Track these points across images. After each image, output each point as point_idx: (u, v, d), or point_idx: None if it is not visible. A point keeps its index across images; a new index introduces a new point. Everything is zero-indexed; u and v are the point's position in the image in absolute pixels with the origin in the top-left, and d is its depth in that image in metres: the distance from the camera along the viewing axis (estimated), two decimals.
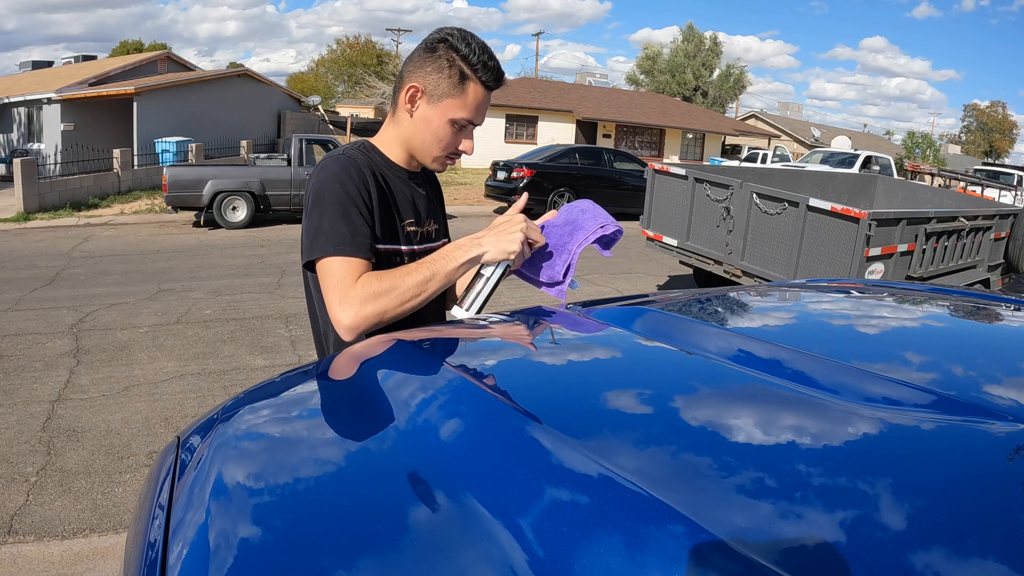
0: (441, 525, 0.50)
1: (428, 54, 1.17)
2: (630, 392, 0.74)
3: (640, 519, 0.46)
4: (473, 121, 1.21)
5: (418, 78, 1.18)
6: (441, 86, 1.17)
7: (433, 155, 1.24)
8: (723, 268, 5.63)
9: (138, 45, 43.05)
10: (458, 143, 1.23)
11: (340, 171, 1.16)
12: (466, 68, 1.16)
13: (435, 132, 1.20)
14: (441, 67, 1.16)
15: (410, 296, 1.12)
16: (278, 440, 0.70)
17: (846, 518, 0.46)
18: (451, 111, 1.18)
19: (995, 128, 57.47)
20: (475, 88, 1.17)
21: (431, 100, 1.18)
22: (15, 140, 18.33)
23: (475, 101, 1.18)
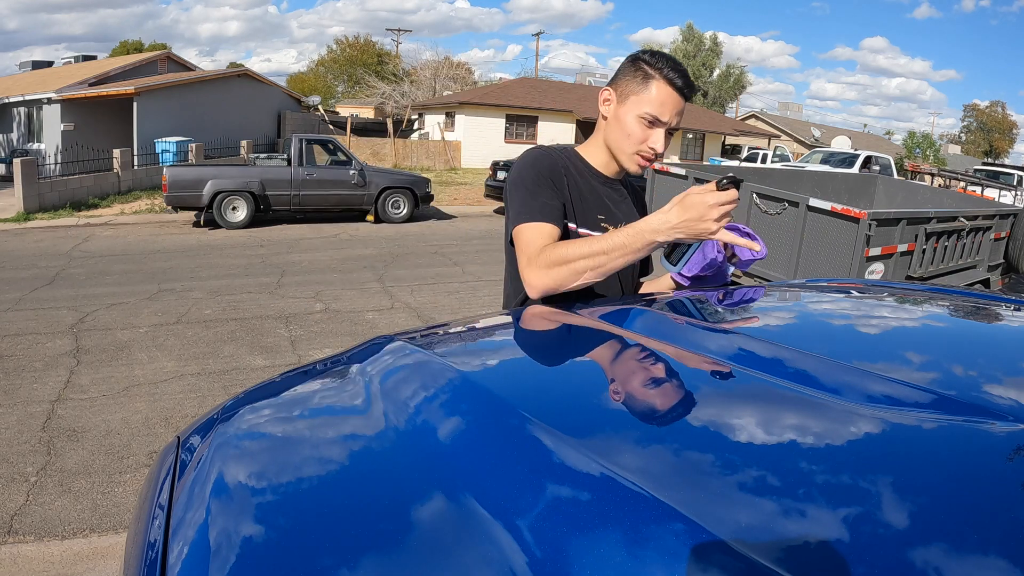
0: (441, 525, 0.50)
1: (622, 67, 1.33)
2: (630, 392, 0.74)
3: (640, 519, 0.46)
4: (659, 117, 1.27)
5: (612, 84, 1.33)
6: (629, 86, 1.29)
7: (626, 152, 1.32)
8: None
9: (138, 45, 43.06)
10: (647, 139, 1.29)
11: (533, 158, 1.33)
12: (650, 69, 1.28)
13: (624, 128, 1.30)
14: (629, 72, 1.30)
15: (587, 269, 1.20)
16: (278, 440, 0.70)
17: (846, 518, 0.46)
18: (636, 107, 1.28)
19: (995, 128, 57.46)
20: (658, 86, 1.26)
21: (620, 100, 1.31)
22: (15, 140, 18.32)
23: (659, 98, 1.26)
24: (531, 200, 1.28)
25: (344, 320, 5.43)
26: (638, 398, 0.72)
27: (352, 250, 8.56)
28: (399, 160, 20.70)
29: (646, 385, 0.77)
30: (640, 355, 0.88)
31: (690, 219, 1.12)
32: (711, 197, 1.11)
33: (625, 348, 0.91)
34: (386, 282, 6.80)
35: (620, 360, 0.88)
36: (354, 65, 41.23)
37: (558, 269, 1.20)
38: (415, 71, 34.21)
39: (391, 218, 10.80)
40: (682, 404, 0.69)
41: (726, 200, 1.11)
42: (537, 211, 1.26)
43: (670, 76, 1.27)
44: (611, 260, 1.18)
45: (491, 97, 23.30)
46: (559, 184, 1.30)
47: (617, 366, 0.86)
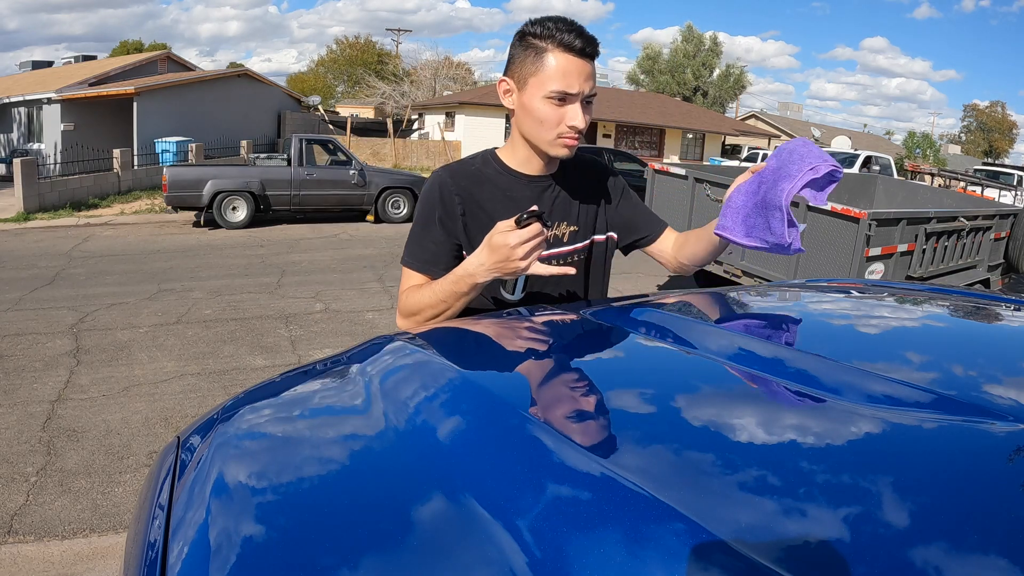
0: (441, 525, 0.50)
1: (512, 50, 1.20)
2: (630, 392, 0.74)
3: (640, 519, 0.46)
4: (567, 91, 1.14)
5: (507, 72, 1.21)
6: (524, 68, 1.17)
7: (546, 139, 1.20)
8: (723, 268, 5.63)
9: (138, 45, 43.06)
10: (562, 119, 1.17)
11: (425, 192, 1.27)
12: (540, 41, 1.15)
13: (534, 116, 1.18)
14: (519, 52, 1.18)
15: (433, 316, 1.22)
16: (278, 440, 0.70)
17: (846, 518, 0.46)
18: (538, 88, 1.16)
19: (995, 128, 57.47)
20: (555, 56, 1.14)
21: (520, 86, 1.19)
22: (15, 140, 18.33)
23: (560, 69, 1.14)
24: (414, 243, 1.27)
25: (344, 320, 5.43)
26: (638, 398, 0.72)
27: (352, 250, 8.56)
28: (399, 160, 20.70)
29: (646, 385, 0.77)
30: (640, 355, 0.88)
31: (498, 260, 1.09)
32: (512, 237, 1.06)
33: (625, 348, 0.91)
34: (386, 282, 6.80)
35: (620, 360, 0.88)
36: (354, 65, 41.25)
37: (412, 318, 1.24)
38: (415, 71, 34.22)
39: (391, 218, 10.80)
40: (682, 404, 0.69)
41: (527, 237, 1.06)
42: (410, 255, 1.27)
43: (564, 40, 1.13)
44: (450, 306, 1.18)
45: (491, 97, 23.27)
46: (450, 216, 1.24)
47: (617, 366, 0.86)
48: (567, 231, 1.29)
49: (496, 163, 1.29)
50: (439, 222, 1.24)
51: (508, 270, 1.09)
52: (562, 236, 1.29)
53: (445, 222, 1.24)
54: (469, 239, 1.23)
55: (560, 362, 0.88)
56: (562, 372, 0.83)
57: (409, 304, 1.24)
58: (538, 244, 1.08)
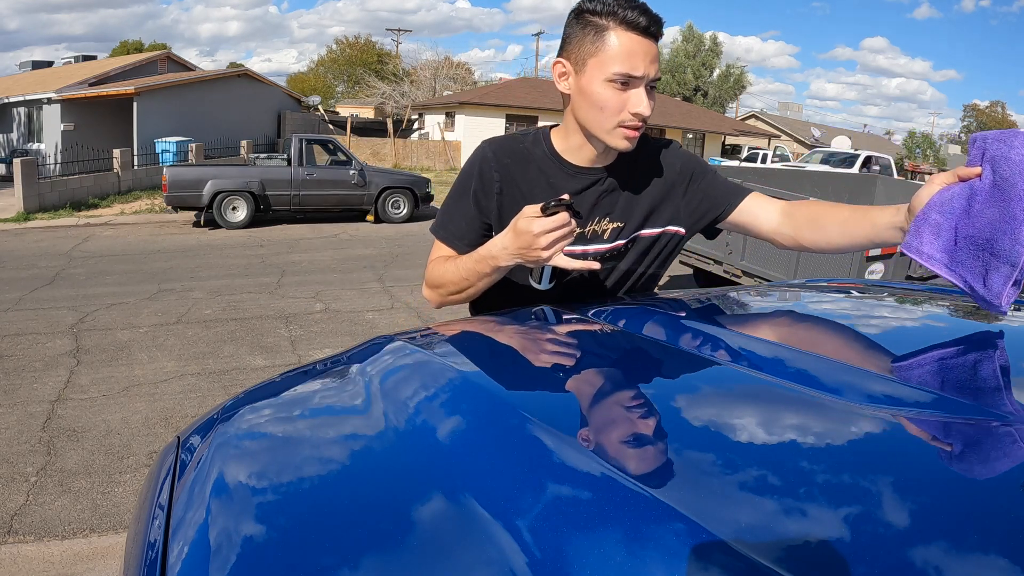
0: (441, 525, 0.50)
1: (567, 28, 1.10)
2: (630, 392, 0.74)
3: (640, 519, 0.46)
4: (632, 73, 1.03)
5: (563, 53, 1.11)
6: (583, 49, 1.06)
7: (605, 128, 1.09)
8: (723, 268, 5.63)
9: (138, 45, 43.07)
10: (625, 104, 1.06)
11: (470, 162, 1.21)
12: (601, 19, 1.04)
13: (593, 102, 1.07)
14: (577, 31, 1.07)
15: (454, 292, 1.19)
16: (278, 440, 0.70)
17: (846, 518, 0.46)
18: (599, 71, 1.05)
19: (995, 128, 57.42)
20: (618, 35, 1.03)
21: (578, 68, 1.08)
22: (15, 140, 18.34)
23: (624, 49, 1.03)
24: (444, 212, 1.24)
25: (344, 320, 5.43)
26: (638, 398, 0.72)
27: (352, 250, 8.56)
28: (399, 160, 20.71)
29: (646, 385, 0.77)
30: (640, 355, 0.88)
31: (520, 246, 1.03)
32: (536, 225, 1.00)
33: (626, 348, 0.91)
34: (386, 282, 6.80)
35: (621, 360, 0.88)
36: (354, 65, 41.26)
37: (436, 291, 1.22)
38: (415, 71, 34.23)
39: (391, 218, 10.80)
40: (682, 404, 0.69)
41: (552, 226, 1.00)
42: (439, 225, 1.24)
43: (629, 17, 1.02)
44: (471, 284, 1.15)
45: (491, 97, 23.31)
46: (486, 193, 1.18)
47: (617, 366, 0.86)
48: (609, 227, 1.19)
49: (547, 145, 1.20)
50: (473, 197, 1.19)
51: (529, 258, 1.04)
52: (602, 232, 1.19)
53: (479, 198, 1.19)
54: (501, 220, 1.16)
55: (560, 362, 0.88)
56: (562, 372, 0.83)
57: (434, 275, 1.21)
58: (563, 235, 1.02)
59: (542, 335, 1.01)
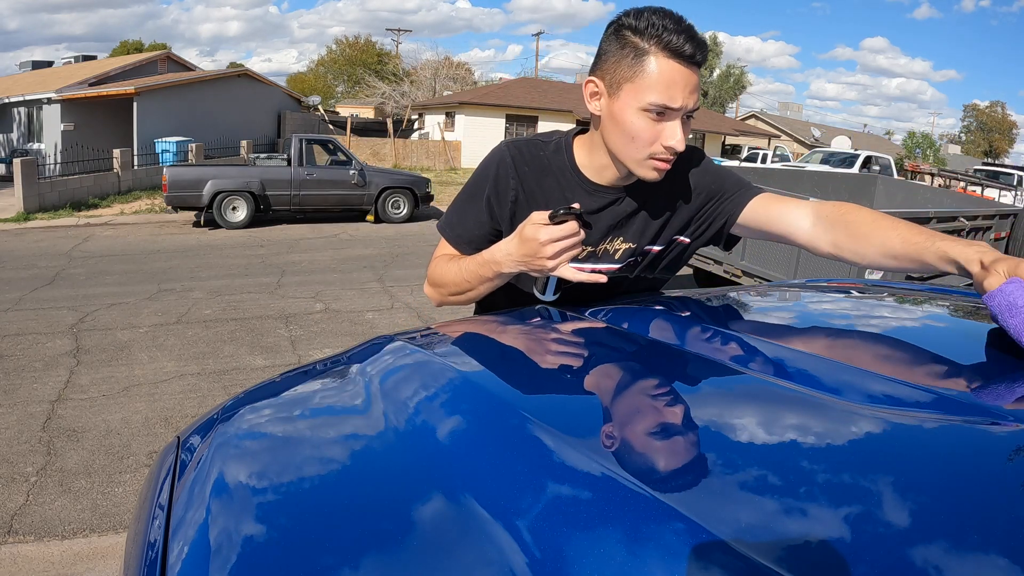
0: (441, 525, 0.50)
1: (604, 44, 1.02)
2: (630, 392, 0.74)
3: (640, 519, 0.46)
4: (669, 105, 0.96)
5: (597, 71, 1.03)
6: (619, 71, 0.99)
7: (634, 158, 1.03)
8: (723, 268, 5.63)
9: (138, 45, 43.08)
10: (659, 136, 0.99)
11: (487, 164, 1.16)
12: (642, 40, 0.96)
13: (625, 130, 1.00)
14: (615, 50, 0.99)
15: (454, 293, 1.17)
16: (278, 440, 0.70)
17: (846, 518, 0.46)
18: (635, 98, 0.98)
19: (995, 128, 57.46)
20: (658, 61, 0.95)
21: (612, 91, 1.01)
22: (15, 140, 18.34)
23: (664, 77, 0.96)
24: (454, 211, 1.20)
25: (344, 320, 5.43)
26: (638, 398, 0.72)
27: (352, 250, 8.55)
28: (399, 160, 20.71)
29: (646, 385, 0.77)
30: (640, 355, 0.88)
31: (525, 254, 0.99)
32: (543, 233, 0.95)
33: (626, 348, 0.91)
34: (386, 282, 6.80)
35: (620, 360, 0.88)
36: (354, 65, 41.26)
37: (437, 289, 1.20)
38: (415, 71, 34.23)
39: (391, 218, 10.80)
40: (682, 404, 0.69)
41: (559, 235, 0.95)
42: (447, 224, 1.20)
43: (673, 43, 0.95)
44: (473, 287, 1.12)
45: (491, 97, 23.31)
46: (500, 198, 1.13)
47: (617, 366, 0.86)
48: (622, 248, 1.15)
49: (568, 156, 1.14)
50: (486, 201, 1.14)
51: (534, 267, 1.00)
52: (613, 252, 1.15)
53: (492, 204, 1.14)
54: (512, 227, 1.11)
55: (560, 362, 0.88)
56: (562, 372, 0.83)
57: (436, 274, 1.19)
58: (571, 245, 0.97)
59: (542, 335, 1.01)
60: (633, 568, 0.42)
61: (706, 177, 1.17)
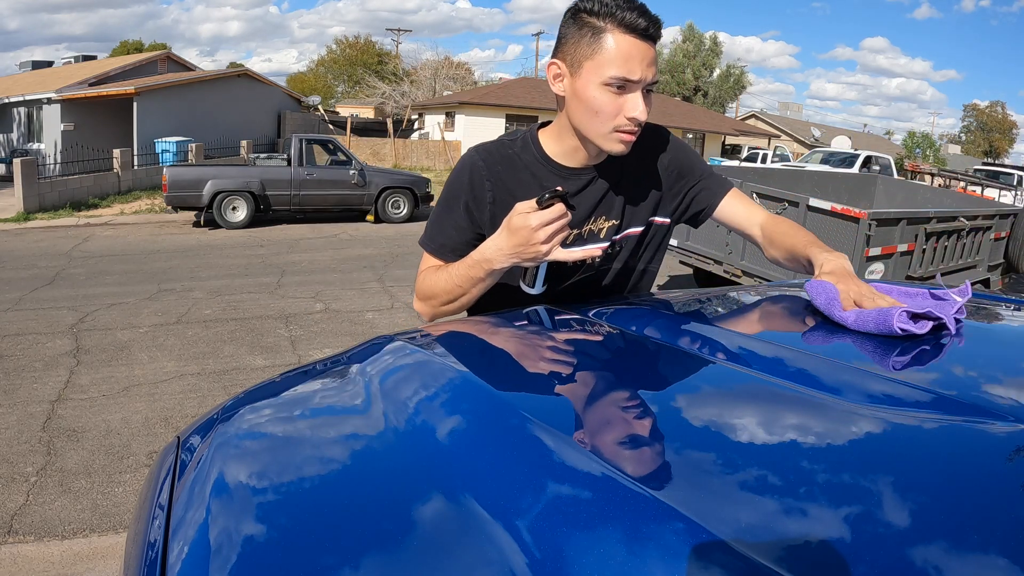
0: (442, 525, 0.50)
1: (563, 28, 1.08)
2: (630, 392, 0.74)
3: (641, 519, 0.46)
4: (628, 77, 1.02)
5: (558, 54, 1.08)
6: (579, 51, 1.04)
7: (600, 132, 1.07)
8: (723, 268, 5.63)
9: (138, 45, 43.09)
10: (621, 109, 1.04)
11: (456, 172, 1.20)
12: (598, 20, 1.02)
13: (588, 105, 1.05)
14: (573, 32, 1.05)
15: (446, 302, 1.17)
16: (278, 440, 0.70)
17: (845, 518, 0.46)
18: (595, 74, 1.03)
19: (995, 128, 57.47)
20: (615, 37, 1.01)
21: (573, 71, 1.06)
22: (15, 140, 18.34)
23: (621, 52, 1.01)
24: (433, 224, 1.22)
25: (344, 320, 5.43)
26: (638, 398, 0.72)
27: (352, 250, 8.56)
28: (399, 160, 20.71)
29: (646, 385, 0.77)
30: (640, 355, 0.88)
31: (517, 244, 1.00)
32: (534, 218, 0.97)
33: (625, 348, 0.91)
34: (386, 282, 6.80)
35: (620, 360, 0.88)
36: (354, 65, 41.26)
37: (427, 302, 1.20)
38: (415, 71, 34.24)
39: (391, 218, 10.80)
40: (681, 404, 0.69)
41: (549, 219, 0.97)
42: (428, 237, 1.22)
43: (627, 19, 1.00)
44: (465, 291, 1.12)
45: (491, 97, 23.30)
46: (478, 203, 1.16)
47: (617, 366, 0.86)
48: (606, 226, 1.18)
49: (536, 149, 1.18)
50: (464, 208, 1.17)
51: (528, 255, 1.01)
52: (599, 232, 1.19)
53: (472, 209, 1.17)
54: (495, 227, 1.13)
55: (560, 362, 0.88)
56: (562, 372, 0.83)
57: (424, 287, 1.20)
58: (561, 227, 0.99)
59: (542, 335, 1.01)
60: (633, 568, 0.42)
61: (674, 154, 1.24)
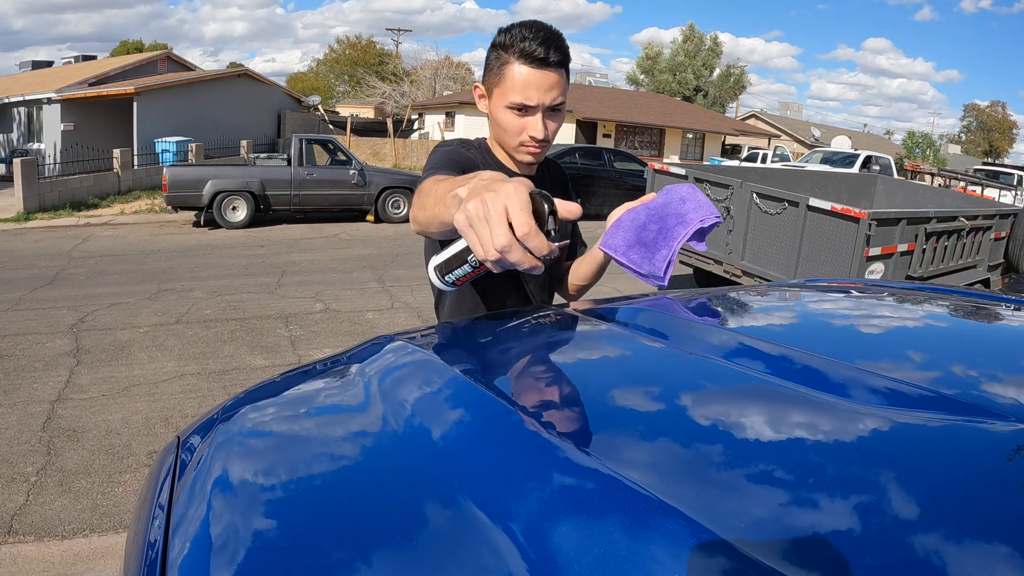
0: (441, 525, 0.50)
1: (486, 56, 1.23)
2: (630, 392, 0.74)
3: (641, 520, 0.46)
4: (526, 103, 1.17)
5: (482, 79, 1.26)
6: (491, 78, 1.21)
7: (510, 145, 1.25)
8: (723, 268, 5.63)
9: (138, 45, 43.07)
10: (523, 128, 1.21)
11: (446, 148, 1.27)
12: (503, 53, 1.17)
13: (499, 124, 1.23)
14: (491, 60, 1.21)
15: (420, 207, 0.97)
16: (278, 440, 0.70)
17: (845, 517, 0.46)
18: (501, 99, 1.19)
19: (995, 128, 57.45)
20: (516, 68, 1.16)
21: (489, 95, 1.23)
22: (15, 140, 18.33)
23: (519, 81, 1.16)
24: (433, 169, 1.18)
25: (344, 320, 5.43)
26: (638, 398, 0.72)
27: (352, 250, 8.56)
28: (399, 160, 20.71)
29: (646, 385, 0.77)
30: (640, 355, 0.88)
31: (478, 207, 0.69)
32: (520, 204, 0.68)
33: (625, 348, 0.91)
34: (386, 282, 6.80)
35: (621, 360, 0.88)
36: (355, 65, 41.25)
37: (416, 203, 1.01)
38: (415, 71, 34.22)
39: (391, 218, 10.79)
40: (682, 404, 0.69)
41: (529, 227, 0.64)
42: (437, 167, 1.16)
43: (526, 49, 1.13)
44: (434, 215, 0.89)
45: None
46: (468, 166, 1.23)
47: (618, 366, 0.86)
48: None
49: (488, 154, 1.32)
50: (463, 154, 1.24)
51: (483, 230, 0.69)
52: None
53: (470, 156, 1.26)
54: None
55: (560, 362, 0.88)
56: (562, 372, 0.83)
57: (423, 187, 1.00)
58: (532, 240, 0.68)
59: (542, 335, 1.01)
60: (633, 568, 0.42)
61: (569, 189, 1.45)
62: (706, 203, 1.09)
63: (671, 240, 1.07)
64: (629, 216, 1.13)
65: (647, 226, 1.10)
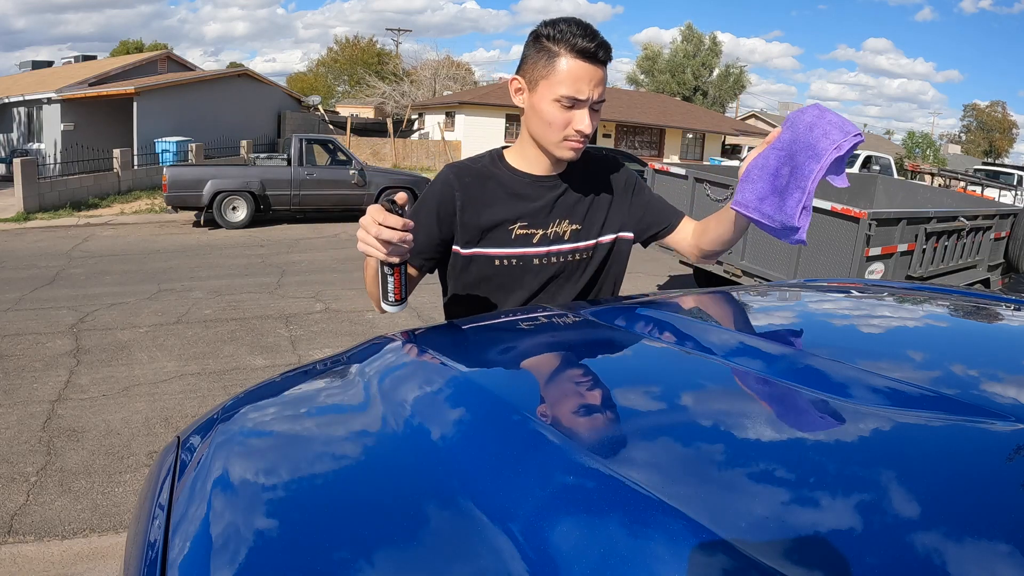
0: (441, 525, 0.50)
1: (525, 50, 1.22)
2: (630, 392, 0.74)
3: (641, 520, 0.46)
4: (577, 97, 1.16)
5: (520, 71, 1.23)
6: (536, 70, 1.19)
7: (552, 141, 1.22)
8: (723, 268, 5.63)
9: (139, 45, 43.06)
10: (569, 122, 1.19)
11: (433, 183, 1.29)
12: (553, 44, 1.16)
13: (542, 118, 1.20)
14: (533, 53, 1.19)
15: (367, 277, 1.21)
16: (278, 440, 0.70)
17: (846, 517, 0.46)
18: (549, 91, 1.18)
19: (995, 128, 57.45)
20: (567, 60, 1.15)
21: (531, 87, 1.21)
22: (15, 140, 18.34)
23: (571, 74, 1.15)
24: None
25: (344, 320, 5.43)
26: (638, 398, 0.72)
27: (352, 250, 8.55)
28: (399, 160, 20.71)
29: (646, 385, 0.77)
30: (640, 355, 0.88)
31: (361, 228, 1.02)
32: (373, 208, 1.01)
33: (626, 348, 0.91)
34: None
35: (621, 360, 0.88)
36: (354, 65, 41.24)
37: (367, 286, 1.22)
38: (415, 71, 34.22)
39: None
40: (682, 404, 0.69)
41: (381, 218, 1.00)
42: None
43: (578, 45, 1.14)
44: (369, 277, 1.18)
45: (491, 97, 23.29)
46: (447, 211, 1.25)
47: (618, 366, 0.86)
48: (568, 229, 1.29)
49: (503, 163, 1.31)
50: (435, 214, 1.25)
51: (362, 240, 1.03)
52: (563, 233, 1.29)
53: (440, 215, 1.25)
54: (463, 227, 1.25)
55: (560, 362, 0.88)
56: (562, 372, 0.83)
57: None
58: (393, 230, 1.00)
59: (542, 335, 1.01)
60: (633, 568, 0.42)
61: (631, 178, 1.40)
62: (838, 121, 0.94)
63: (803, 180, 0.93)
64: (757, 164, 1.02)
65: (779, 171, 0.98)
